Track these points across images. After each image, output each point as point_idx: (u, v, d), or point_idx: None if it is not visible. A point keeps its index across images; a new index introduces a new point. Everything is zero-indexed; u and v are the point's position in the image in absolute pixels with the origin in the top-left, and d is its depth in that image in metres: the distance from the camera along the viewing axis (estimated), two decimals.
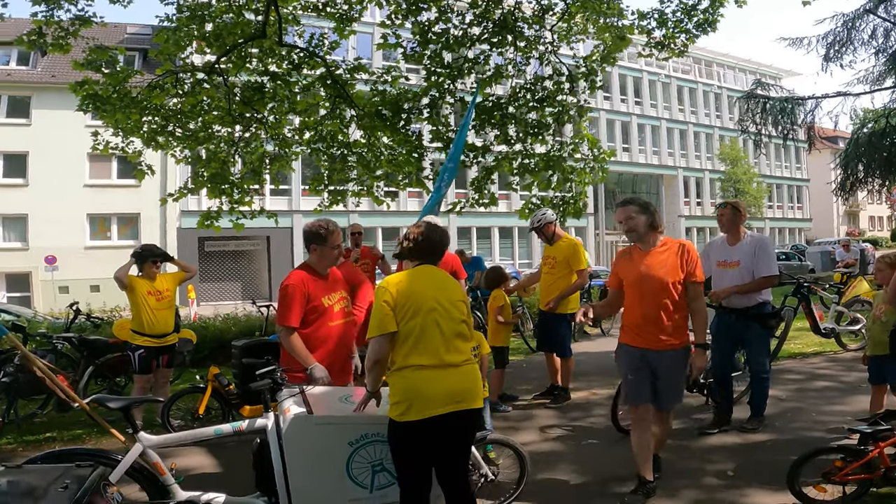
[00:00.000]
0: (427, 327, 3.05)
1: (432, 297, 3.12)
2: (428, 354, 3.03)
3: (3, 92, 26.48)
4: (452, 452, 3.14)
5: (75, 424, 6.15)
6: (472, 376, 3.16)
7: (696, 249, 4.11)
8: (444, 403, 2.99)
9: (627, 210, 4.08)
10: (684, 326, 4.02)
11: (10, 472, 2.28)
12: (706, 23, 9.84)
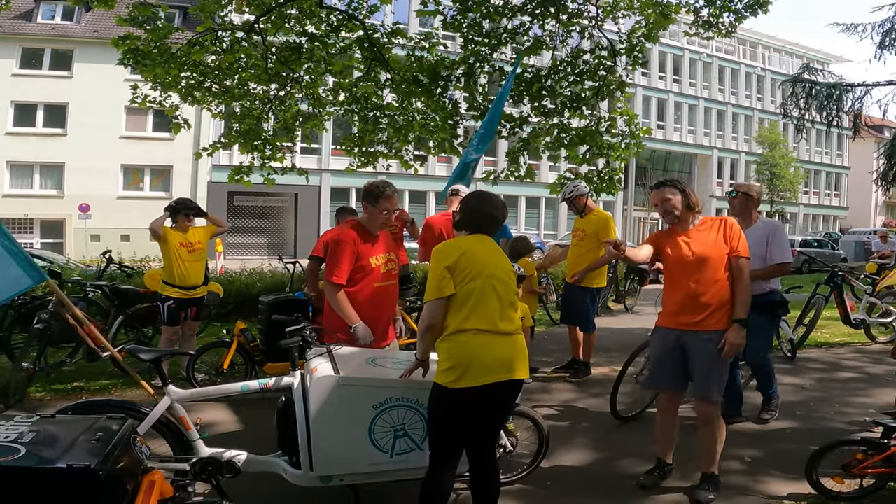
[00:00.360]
0: (486, 291, 3.01)
1: (491, 263, 3.09)
2: (485, 319, 2.99)
3: (48, 45, 26.84)
4: (491, 422, 3.13)
5: (102, 374, 6.28)
6: (522, 346, 3.14)
7: (737, 225, 3.94)
8: (498, 371, 2.96)
9: (663, 192, 3.92)
10: (727, 308, 3.78)
11: (44, 422, 2.31)
12: (756, 4, 9.53)
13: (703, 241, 3.82)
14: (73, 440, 2.17)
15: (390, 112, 10.81)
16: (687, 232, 3.89)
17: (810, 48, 49.40)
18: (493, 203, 3.27)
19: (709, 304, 3.75)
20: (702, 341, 3.77)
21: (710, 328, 3.76)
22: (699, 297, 3.76)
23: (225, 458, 3.26)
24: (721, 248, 3.80)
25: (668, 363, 3.93)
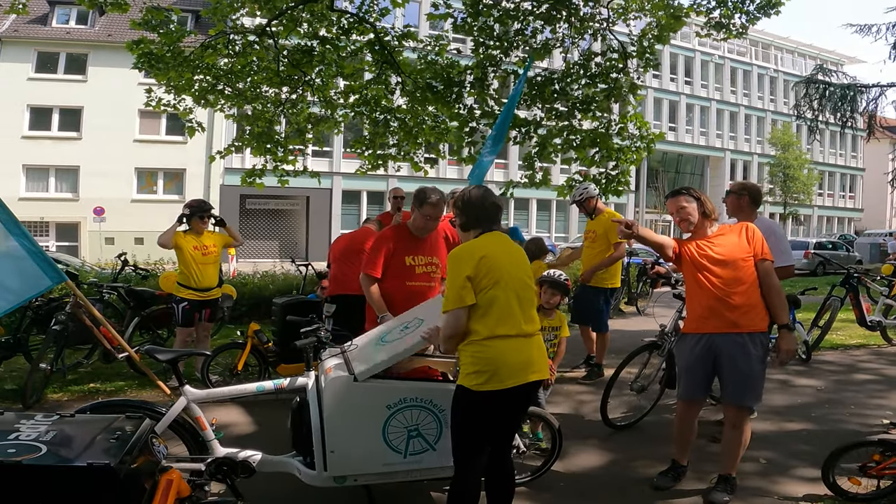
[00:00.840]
0: (509, 297, 3.00)
1: (511, 266, 3.07)
2: (511, 325, 2.98)
3: (63, 49, 27.18)
4: (510, 421, 3.14)
5: (118, 375, 6.34)
6: (542, 346, 3.16)
7: (759, 230, 3.91)
8: (522, 373, 2.97)
9: (678, 200, 3.89)
10: (758, 310, 3.73)
11: (64, 422, 2.34)
12: (768, 5, 9.47)
13: (726, 245, 3.79)
14: (93, 439, 2.20)
15: (400, 115, 10.86)
16: (707, 237, 3.87)
17: (824, 49, 49.04)
18: (486, 191, 3.28)
19: (739, 305, 3.70)
20: (735, 344, 3.71)
21: (743, 330, 3.71)
22: (728, 300, 3.71)
23: (240, 458, 3.28)
24: (745, 251, 3.77)
25: (700, 371, 3.87)
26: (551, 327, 4.77)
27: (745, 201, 4.75)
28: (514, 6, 9.67)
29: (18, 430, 2.18)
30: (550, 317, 4.79)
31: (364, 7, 10.36)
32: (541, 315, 4.47)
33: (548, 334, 4.67)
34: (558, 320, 4.82)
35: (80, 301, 4.46)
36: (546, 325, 4.66)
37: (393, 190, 8.05)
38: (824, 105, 20.05)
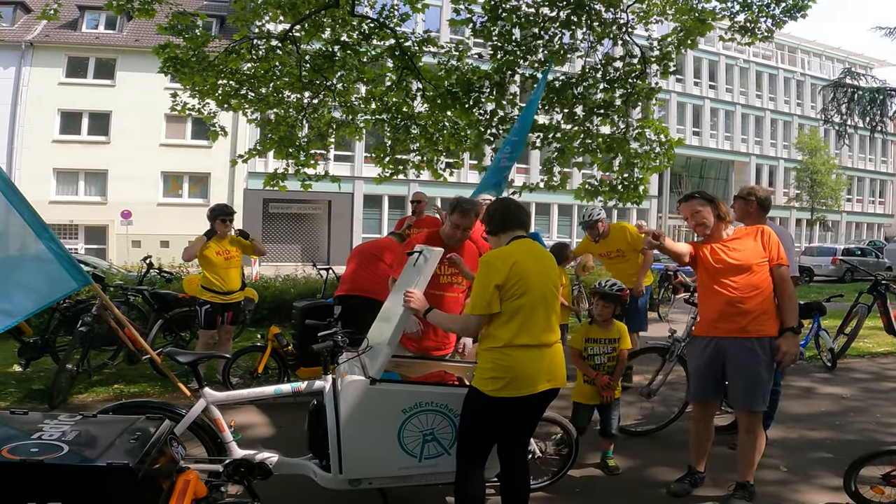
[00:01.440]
0: (535, 307, 3.04)
1: (540, 275, 3.11)
2: (533, 335, 3.03)
3: (92, 54, 27.70)
4: (524, 427, 3.19)
5: (142, 377, 6.44)
6: (561, 356, 3.18)
7: (775, 233, 3.89)
8: (540, 382, 3.02)
9: (692, 205, 3.86)
10: (769, 316, 3.72)
11: (86, 422, 2.38)
12: (795, 8, 9.35)
13: (741, 249, 3.77)
14: (113, 439, 2.25)
15: (421, 122, 10.90)
16: (722, 241, 3.84)
17: (852, 52, 48.24)
18: (513, 201, 3.40)
19: (750, 311, 3.69)
20: (744, 349, 3.70)
21: (752, 335, 3.69)
22: (740, 304, 3.69)
23: (257, 459, 3.32)
24: (760, 256, 3.75)
25: (709, 373, 3.86)
26: (608, 339, 4.56)
27: (754, 207, 4.59)
28: (534, 11, 9.67)
29: (42, 430, 2.23)
30: (607, 328, 4.59)
31: (385, 13, 10.45)
32: (597, 327, 4.58)
33: (604, 347, 4.53)
34: (616, 331, 4.60)
35: (105, 303, 4.53)
36: (603, 337, 4.55)
37: (414, 194, 8.10)
38: (853, 109, 19.74)
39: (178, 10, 9.85)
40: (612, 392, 4.40)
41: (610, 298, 4.54)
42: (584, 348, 4.53)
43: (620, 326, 4.64)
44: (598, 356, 4.51)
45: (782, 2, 9.36)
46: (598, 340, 4.55)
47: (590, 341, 4.55)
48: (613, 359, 4.53)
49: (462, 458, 3.15)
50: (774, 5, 9.42)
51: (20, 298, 3.01)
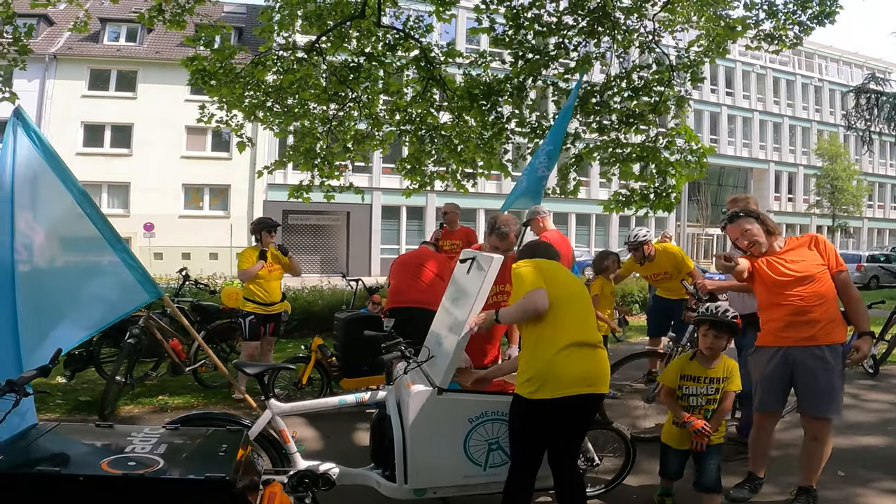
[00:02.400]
0: (566, 305, 3.14)
1: (567, 277, 3.28)
2: (566, 334, 3.09)
3: (113, 67, 28.03)
4: (570, 434, 3.19)
5: (183, 388, 6.48)
6: (603, 360, 3.19)
7: (828, 240, 3.88)
8: (576, 385, 3.03)
9: (740, 224, 3.84)
10: (836, 323, 3.71)
11: (171, 434, 2.41)
12: (822, 14, 9.30)
13: (800, 259, 3.76)
14: (203, 451, 2.27)
15: (445, 133, 10.93)
16: (778, 254, 3.83)
17: (870, 57, 47.94)
18: (541, 244, 3.63)
19: (818, 319, 3.68)
20: (814, 357, 3.68)
21: (821, 342, 3.68)
22: (808, 313, 3.68)
23: (320, 470, 3.33)
24: (819, 264, 3.74)
25: (777, 382, 3.84)
26: (711, 379, 3.70)
27: None
28: (556, 20, 9.68)
29: (132, 443, 2.26)
30: (710, 365, 3.72)
31: (409, 24, 10.51)
32: (697, 363, 3.75)
33: (705, 387, 3.71)
34: (723, 370, 3.72)
35: (174, 314, 4.54)
36: (704, 375, 3.71)
37: (445, 205, 8.11)
38: (877, 115, 19.59)
39: (206, 22, 9.97)
40: (705, 440, 3.60)
41: (723, 327, 3.67)
42: (677, 386, 3.77)
43: (730, 364, 3.76)
44: (695, 397, 3.73)
45: (809, 8, 9.33)
46: (698, 379, 3.73)
47: (687, 379, 3.75)
48: (714, 401, 3.71)
49: (511, 464, 3.22)
50: (801, 12, 9.38)
51: (95, 310, 3.05)
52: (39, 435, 2.27)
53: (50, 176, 2.97)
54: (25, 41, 9.21)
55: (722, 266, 3.69)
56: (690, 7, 9.48)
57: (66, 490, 1.96)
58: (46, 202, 2.94)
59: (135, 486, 1.99)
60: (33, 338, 2.70)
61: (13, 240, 2.83)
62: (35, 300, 2.74)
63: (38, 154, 2.91)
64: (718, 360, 3.72)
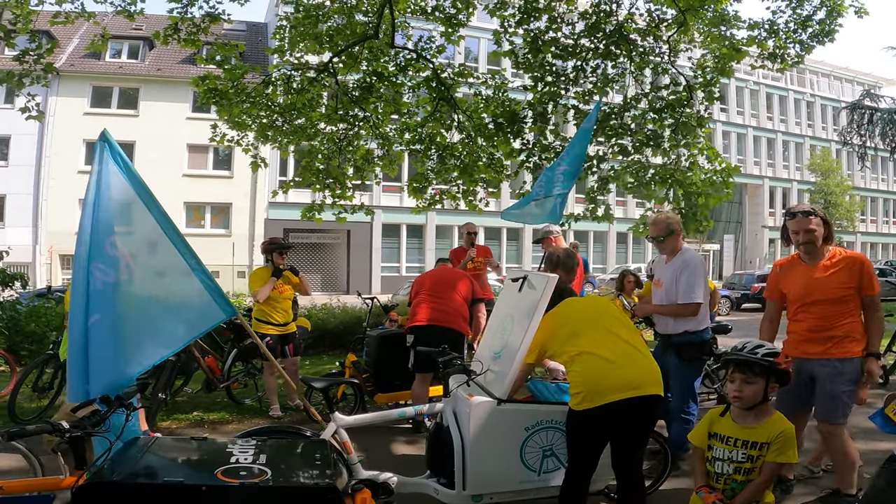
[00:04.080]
0: (589, 324, 3.42)
1: (584, 304, 3.67)
2: (591, 346, 3.30)
3: (116, 84, 28.10)
4: (627, 440, 3.33)
5: (215, 404, 6.62)
6: (646, 363, 3.35)
7: (870, 263, 4.05)
8: (616, 391, 3.18)
9: (808, 221, 3.92)
10: (856, 339, 3.90)
11: (264, 447, 2.50)
12: (822, 33, 9.53)
13: (830, 276, 3.91)
14: (302, 460, 2.39)
15: (457, 153, 11.06)
16: (816, 265, 3.97)
17: (860, 72, 48.61)
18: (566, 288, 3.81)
19: (835, 336, 3.88)
20: (829, 366, 3.88)
21: (835, 356, 3.88)
22: (828, 331, 3.88)
23: (381, 479, 3.44)
24: (850, 285, 3.89)
25: (793, 390, 3.93)
26: (745, 443, 2.82)
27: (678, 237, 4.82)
28: (573, 43, 9.87)
29: (234, 454, 2.37)
30: (747, 423, 2.85)
31: (421, 44, 10.69)
32: (729, 420, 2.91)
33: (736, 451, 2.82)
34: (768, 433, 2.80)
35: (248, 333, 4.59)
36: (737, 436, 2.84)
37: (466, 226, 8.24)
38: (871, 130, 19.91)
39: (219, 41, 10.10)
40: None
41: (750, 367, 2.82)
42: (706, 447, 2.95)
43: (781, 427, 2.81)
44: (721, 462, 2.86)
45: (809, 27, 9.56)
46: (727, 440, 2.87)
47: (716, 439, 2.91)
48: (746, 471, 2.80)
49: (567, 469, 3.39)
50: (802, 31, 9.62)
51: (177, 328, 3.17)
52: (146, 448, 2.38)
53: (134, 198, 3.11)
54: (48, 58, 9.30)
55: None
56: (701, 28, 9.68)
57: (188, 500, 2.08)
58: (133, 224, 3.09)
59: (251, 494, 2.11)
60: (129, 354, 2.84)
61: (90, 261, 2.95)
62: (126, 319, 2.87)
63: (123, 176, 3.05)
64: (764, 416, 2.85)
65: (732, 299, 21.08)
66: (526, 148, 10.14)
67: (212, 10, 9.52)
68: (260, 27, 33.20)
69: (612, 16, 9.57)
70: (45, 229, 26.24)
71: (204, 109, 23.40)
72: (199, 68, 10.25)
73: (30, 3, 8.82)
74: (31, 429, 2.30)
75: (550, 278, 3.53)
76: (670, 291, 4.62)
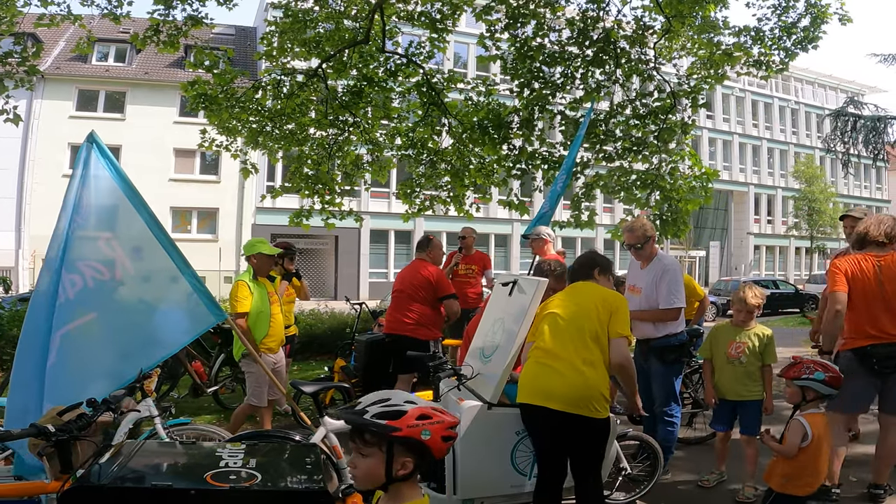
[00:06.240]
0: (554, 328, 3.42)
1: (563, 301, 3.54)
2: (543, 349, 3.38)
3: (102, 87, 27.78)
4: (567, 447, 3.34)
5: (202, 409, 6.55)
6: (576, 384, 3.25)
7: None
8: (530, 395, 3.31)
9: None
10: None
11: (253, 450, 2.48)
12: (806, 40, 9.66)
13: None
14: (292, 464, 2.37)
15: (448, 157, 11.06)
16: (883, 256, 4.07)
17: (843, 79, 49.17)
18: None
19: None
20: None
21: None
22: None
23: None
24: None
25: (866, 385, 4.08)
26: None
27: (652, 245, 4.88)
28: (560, 50, 9.92)
29: (223, 458, 2.35)
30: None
31: (411, 50, 10.69)
32: None
33: None
34: None
35: (241, 339, 4.49)
36: None
37: (462, 230, 8.20)
38: (855, 138, 20.07)
39: (202, 46, 10.04)
40: None
41: (365, 435, 2.74)
42: None
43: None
44: None
45: (794, 34, 9.69)
46: None
47: None
48: None
49: None
50: (786, 38, 9.74)
51: (170, 332, 3.15)
52: (133, 452, 2.35)
53: (122, 199, 3.09)
54: (33, 61, 9.20)
55: None
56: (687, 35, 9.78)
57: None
58: (123, 225, 3.06)
59: (242, 498, 2.09)
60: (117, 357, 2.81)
61: (62, 267, 2.92)
62: (118, 321, 2.84)
63: (113, 179, 3.03)
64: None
65: (718, 305, 21.23)
66: (512, 153, 10.16)
67: (195, 13, 9.46)
68: (249, 31, 33.09)
69: (600, 22, 9.65)
70: (29, 233, 25.90)
71: (191, 114, 23.39)
72: (187, 72, 10.18)
73: (16, 4, 8.70)
74: (16, 432, 2.27)
75: (541, 282, 3.54)
76: (650, 297, 4.65)
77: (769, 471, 3.35)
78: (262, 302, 4.97)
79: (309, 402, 6.38)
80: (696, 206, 9.47)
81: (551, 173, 9.96)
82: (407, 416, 1.81)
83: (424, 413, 1.85)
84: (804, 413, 3.24)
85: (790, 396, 3.33)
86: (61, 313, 2.89)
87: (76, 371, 2.80)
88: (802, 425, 3.17)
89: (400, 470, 1.81)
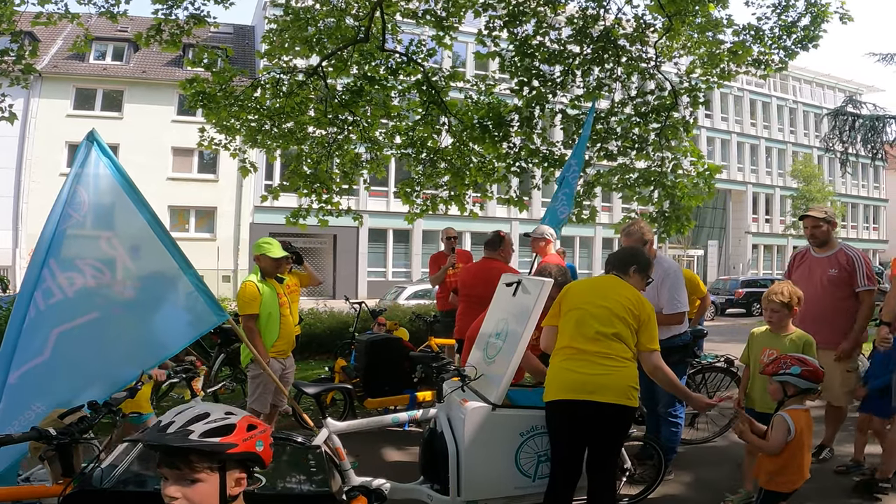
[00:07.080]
0: (577, 319, 3.37)
1: (579, 292, 3.51)
2: (561, 342, 3.39)
3: (99, 86, 27.70)
4: (583, 443, 3.31)
5: None
6: (611, 373, 3.25)
7: None
8: (566, 390, 3.25)
9: None
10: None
11: None
12: (806, 38, 9.65)
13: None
14: (296, 467, 2.34)
15: (448, 156, 11.02)
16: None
17: (841, 78, 49.21)
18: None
19: None
20: None
21: None
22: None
23: (374, 486, 3.40)
24: None
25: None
26: None
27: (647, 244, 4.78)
28: (561, 48, 9.89)
29: None
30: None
31: (411, 48, 10.66)
32: None
33: None
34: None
35: (240, 337, 4.48)
36: None
37: (445, 230, 8.19)
38: (853, 137, 20.08)
39: (203, 45, 10.01)
40: None
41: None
42: None
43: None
44: None
45: (794, 33, 9.67)
46: None
47: None
48: None
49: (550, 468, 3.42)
50: (786, 37, 9.72)
51: (171, 333, 3.12)
52: (135, 455, 2.32)
53: (124, 198, 3.05)
54: (30, 60, 9.15)
55: None
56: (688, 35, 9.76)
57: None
58: (124, 224, 3.03)
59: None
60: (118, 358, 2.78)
61: (43, 265, 2.88)
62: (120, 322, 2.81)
63: (113, 175, 3.00)
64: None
65: (717, 304, 21.24)
66: (512, 151, 10.14)
67: (197, 12, 9.43)
68: (247, 30, 33.03)
69: (600, 20, 9.62)
70: (26, 232, 25.81)
71: (189, 112, 23.34)
72: (185, 71, 10.12)
73: (13, 2, 8.65)
74: (17, 436, 2.24)
75: (546, 283, 3.51)
76: (652, 301, 4.57)
77: (757, 468, 3.38)
78: (272, 303, 4.86)
79: (310, 403, 6.41)
80: (699, 201, 9.41)
81: (550, 171, 9.93)
82: (238, 430, 1.67)
83: (251, 423, 1.73)
84: (786, 409, 3.25)
85: (772, 393, 3.36)
86: (59, 311, 2.84)
87: (74, 371, 2.76)
88: (785, 421, 3.18)
89: (234, 487, 1.69)
